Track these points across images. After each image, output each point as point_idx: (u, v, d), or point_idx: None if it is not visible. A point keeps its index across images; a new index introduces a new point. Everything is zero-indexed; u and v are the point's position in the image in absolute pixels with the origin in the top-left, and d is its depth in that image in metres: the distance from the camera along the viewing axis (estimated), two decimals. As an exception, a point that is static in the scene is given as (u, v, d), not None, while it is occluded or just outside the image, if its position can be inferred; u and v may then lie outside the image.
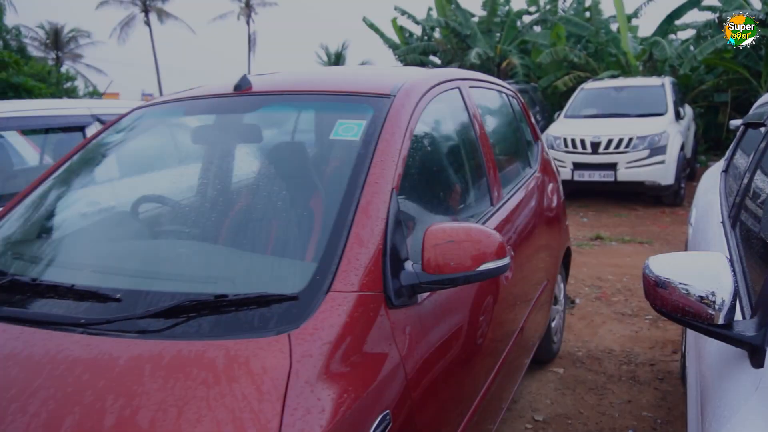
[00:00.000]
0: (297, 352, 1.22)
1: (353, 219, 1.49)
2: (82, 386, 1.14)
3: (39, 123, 3.45)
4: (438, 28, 19.11)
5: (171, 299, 1.36)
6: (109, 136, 2.28)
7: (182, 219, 1.96)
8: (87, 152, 2.23)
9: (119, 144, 2.27)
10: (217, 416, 1.08)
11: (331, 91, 2.01)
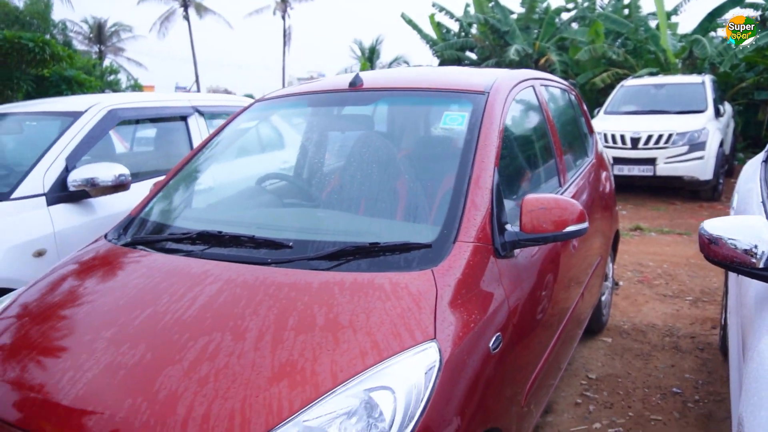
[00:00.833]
0: (439, 282, 1.65)
1: (468, 188, 1.92)
2: (293, 299, 1.59)
3: (152, 113, 3.98)
4: (476, 25, 19.39)
5: (333, 246, 1.81)
6: (240, 123, 2.75)
7: (329, 189, 2.42)
8: (224, 136, 2.70)
9: (250, 129, 2.74)
10: (393, 319, 1.51)
11: (434, 88, 2.44)
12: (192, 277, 1.75)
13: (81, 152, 3.36)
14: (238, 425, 1.28)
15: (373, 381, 1.37)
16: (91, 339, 1.58)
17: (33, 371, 1.54)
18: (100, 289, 1.84)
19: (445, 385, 1.47)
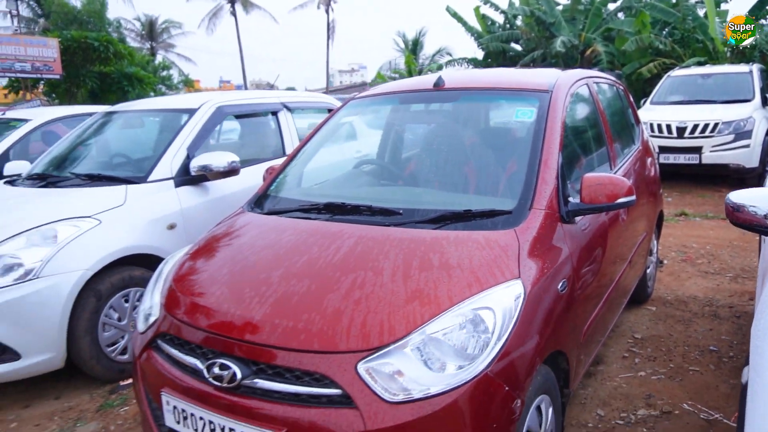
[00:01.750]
0: (520, 238, 2.18)
1: (539, 168, 2.43)
2: (413, 248, 2.14)
3: (250, 109, 4.61)
4: (521, 16, 19.61)
5: (435, 213, 2.36)
6: (340, 118, 3.32)
7: (422, 171, 2.97)
8: (326, 129, 3.28)
9: (349, 122, 3.31)
10: (488, 263, 2.05)
11: (506, 87, 2.96)
12: (332, 234, 2.33)
13: (198, 142, 4.00)
14: (386, 330, 1.84)
15: (478, 303, 1.91)
16: (266, 277, 2.17)
17: (228, 299, 2.14)
18: (260, 243, 2.43)
19: (528, 310, 1.99)
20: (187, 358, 2.10)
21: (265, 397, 1.89)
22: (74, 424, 3.05)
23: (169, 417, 2.11)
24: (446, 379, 1.78)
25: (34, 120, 5.96)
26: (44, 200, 3.62)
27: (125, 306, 3.44)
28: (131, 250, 3.44)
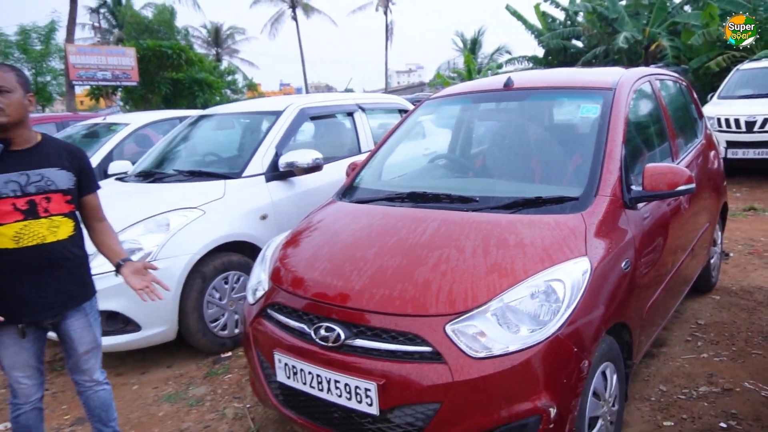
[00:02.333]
0: (587, 221, 2.44)
1: (603, 159, 2.68)
2: (490, 229, 2.44)
3: (329, 110, 5.02)
4: (582, 13, 19.43)
5: (509, 200, 2.65)
6: (416, 117, 3.65)
7: (498, 163, 3.26)
8: (404, 127, 3.61)
9: (424, 121, 3.64)
10: (558, 242, 2.32)
11: (571, 86, 3.22)
12: (417, 218, 2.65)
13: (285, 141, 4.42)
14: (470, 297, 2.15)
15: (550, 275, 2.19)
16: (362, 254, 2.52)
17: (330, 272, 2.50)
18: (354, 226, 2.78)
19: (594, 284, 2.26)
20: (295, 323, 2.46)
21: (364, 354, 2.23)
22: (186, 387, 3.50)
23: (280, 373, 2.48)
24: (522, 339, 2.07)
25: (131, 124, 6.57)
26: (155, 194, 4.11)
27: (225, 287, 3.87)
28: (230, 237, 3.88)
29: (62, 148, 2.37)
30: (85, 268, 2.43)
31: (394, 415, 2.16)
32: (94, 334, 2.45)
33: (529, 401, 2.05)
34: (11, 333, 2.25)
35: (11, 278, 2.19)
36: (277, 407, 2.58)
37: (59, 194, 2.27)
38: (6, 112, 2.14)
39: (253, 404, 3.23)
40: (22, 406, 2.36)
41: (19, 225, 2.17)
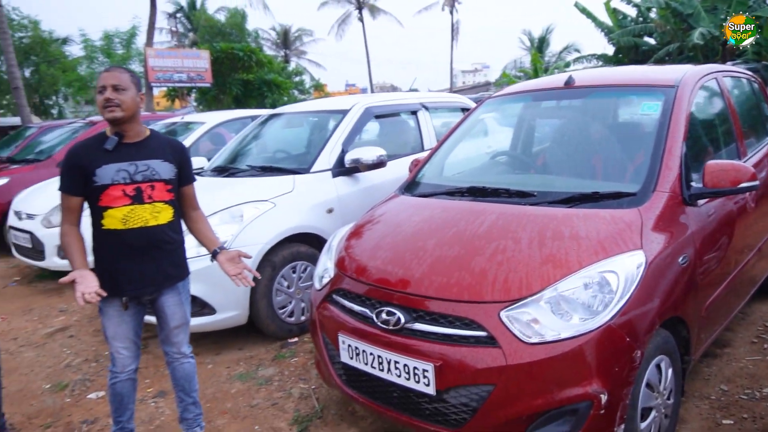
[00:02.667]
0: (644, 216, 2.48)
1: (662, 156, 2.71)
2: (546, 222, 2.53)
3: (393, 109, 5.19)
4: (655, 9, 18.80)
5: (566, 194, 2.72)
6: (478, 115, 3.75)
7: (557, 159, 3.34)
8: (465, 125, 3.72)
9: (484, 119, 3.73)
10: (614, 235, 2.38)
11: (633, 84, 3.24)
12: (476, 211, 2.77)
13: (351, 139, 4.61)
14: (524, 286, 2.25)
15: (604, 266, 2.26)
16: (422, 244, 2.66)
17: (392, 260, 2.65)
18: (415, 218, 2.93)
19: (648, 277, 2.31)
20: (358, 308, 2.63)
21: (422, 337, 2.36)
22: (256, 368, 3.74)
23: (344, 354, 2.65)
24: (574, 327, 2.16)
25: (206, 123, 6.96)
26: (230, 187, 4.39)
27: (293, 276, 4.10)
28: (298, 229, 4.10)
29: (166, 142, 2.65)
30: (181, 251, 2.70)
31: (449, 396, 2.29)
32: (185, 311, 2.71)
33: (580, 387, 2.13)
34: (115, 305, 2.53)
35: (117, 256, 2.47)
36: (340, 387, 2.75)
37: (162, 183, 2.54)
38: (121, 108, 2.43)
39: (317, 386, 3.43)
40: (118, 375, 2.64)
41: (127, 209, 2.45)
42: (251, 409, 3.25)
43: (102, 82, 2.43)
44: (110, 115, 2.43)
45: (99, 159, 2.44)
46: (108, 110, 2.42)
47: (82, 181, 2.44)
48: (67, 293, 5.71)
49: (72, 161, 2.46)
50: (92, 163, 2.43)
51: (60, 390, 3.63)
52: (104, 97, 2.41)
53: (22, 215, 5.94)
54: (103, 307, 2.55)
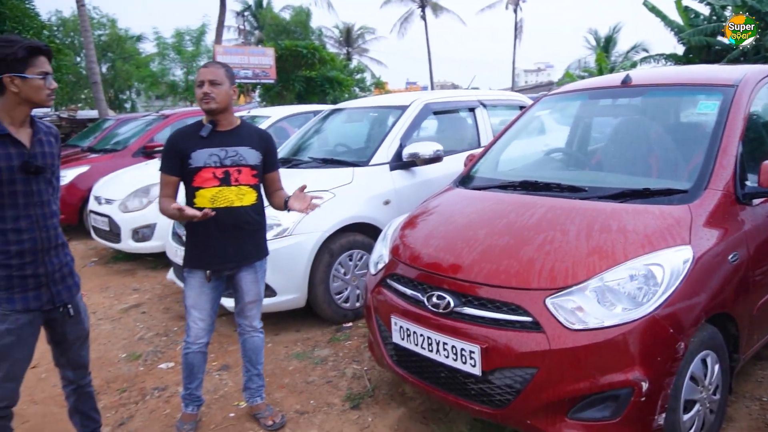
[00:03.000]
0: (693, 212, 2.52)
1: (717, 154, 2.73)
2: (595, 216, 2.60)
3: (452, 106, 5.32)
4: (731, 7, 18.06)
5: (616, 190, 2.78)
6: (534, 113, 3.83)
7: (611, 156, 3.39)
8: (522, 121, 3.81)
9: (541, 116, 3.81)
10: (662, 230, 2.44)
11: (691, 83, 3.25)
12: (526, 204, 2.87)
13: (409, 134, 4.76)
14: (570, 275, 2.34)
15: (650, 260, 2.32)
16: (473, 234, 2.78)
17: (444, 248, 2.79)
18: (468, 209, 3.05)
19: (695, 273, 2.35)
20: (411, 291, 2.78)
21: (470, 321, 2.49)
22: (312, 349, 3.95)
23: (395, 335, 2.81)
24: (618, 316, 2.24)
25: (271, 117, 7.26)
26: (293, 178, 4.60)
27: (349, 263, 4.29)
28: (356, 219, 4.28)
29: (254, 131, 2.90)
30: (262, 233, 2.94)
31: (494, 377, 2.41)
32: (259, 289, 2.96)
33: (621, 373, 2.20)
34: (199, 276, 2.81)
35: (204, 232, 2.74)
36: (392, 366, 2.91)
37: (248, 168, 2.78)
38: (216, 100, 2.70)
39: (370, 368, 3.60)
40: (191, 346, 2.89)
41: (215, 189, 2.72)
42: (307, 385, 3.46)
43: (200, 77, 2.70)
44: (206, 106, 2.70)
45: (195, 144, 2.73)
46: (204, 102, 2.69)
47: (179, 164, 2.73)
48: (139, 273, 6.12)
49: (172, 145, 2.77)
50: (188, 148, 2.72)
51: (134, 359, 3.94)
52: (202, 91, 2.69)
53: (101, 200, 6.39)
54: (188, 277, 2.83)
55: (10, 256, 2.25)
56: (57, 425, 3.14)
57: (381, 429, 2.96)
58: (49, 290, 2.36)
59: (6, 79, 2.20)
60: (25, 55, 2.22)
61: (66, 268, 2.45)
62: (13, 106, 2.25)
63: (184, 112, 9.65)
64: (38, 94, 2.26)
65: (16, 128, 2.26)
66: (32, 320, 2.33)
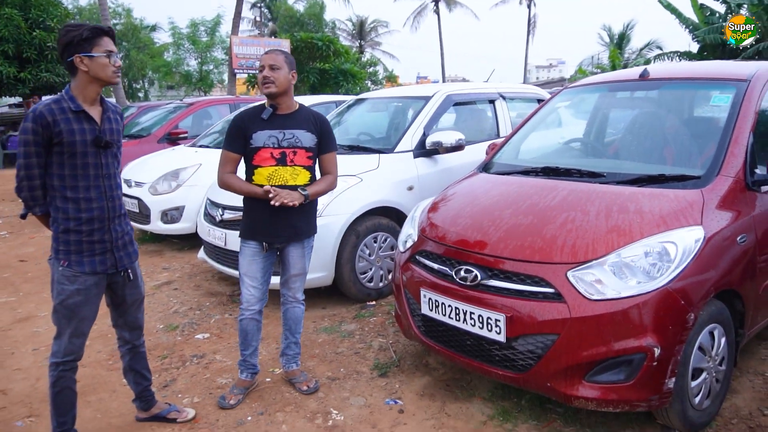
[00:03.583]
0: (706, 196, 2.72)
1: (729, 144, 2.92)
2: (614, 198, 2.80)
3: (473, 97, 5.52)
4: (746, 5, 18.10)
5: (634, 176, 2.98)
6: (554, 104, 4.02)
7: (628, 145, 3.59)
8: (542, 112, 4.01)
9: (562, 108, 4.01)
10: (676, 212, 2.64)
11: (705, 77, 3.44)
12: (549, 187, 3.08)
13: (432, 123, 4.97)
14: (590, 250, 2.55)
15: (664, 237, 2.53)
16: (499, 214, 2.99)
17: (471, 226, 3.00)
18: (493, 192, 3.27)
19: (706, 251, 2.55)
20: (439, 266, 3.00)
21: (496, 292, 2.70)
22: (339, 324, 4.19)
23: (424, 307, 3.02)
24: (634, 288, 2.44)
25: (294, 106, 7.47)
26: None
27: (374, 245, 4.51)
28: (381, 203, 4.50)
29: (311, 115, 3.12)
30: (312, 212, 3.17)
31: (518, 343, 2.62)
32: (304, 263, 3.19)
33: (635, 340, 2.42)
34: (252, 246, 3.06)
35: (260, 207, 2.97)
36: (419, 336, 3.13)
37: (303, 150, 3.01)
38: (276, 84, 2.93)
39: (394, 341, 3.83)
40: (244, 312, 3.13)
41: (272, 168, 2.96)
42: (336, 355, 3.69)
43: (262, 63, 2.94)
44: (266, 90, 2.94)
45: (256, 126, 2.97)
46: (265, 86, 2.93)
47: (242, 143, 2.97)
48: (167, 254, 6.37)
49: (236, 125, 3.01)
50: (250, 129, 2.97)
51: (171, 330, 4.19)
52: (262, 75, 2.92)
53: (132, 183, 6.64)
54: (243, 247, 3.09)
55: (81, 223, 2.49)
56: (105, 385, 3.39)
57: (408, 394, 3.18)
58: (113, 255, 2.59)
59: (76, 59, 2.43)
60: (90, 35, 2.44)
61: (127, 236, 2.69)
62: (85, 85, 2.48)
63: (208, 101, 9.89)
64: (105, 71, 2.48)
65: (88, 106, 2.50)
66: (98, 282, 2.57)
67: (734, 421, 2.82)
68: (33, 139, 2.37)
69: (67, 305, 2.51)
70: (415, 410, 3.03)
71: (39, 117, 2.36)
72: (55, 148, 2.40)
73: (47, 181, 2.46)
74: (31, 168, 2.41)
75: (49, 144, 2.39)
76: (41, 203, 2.50)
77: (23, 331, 4.24)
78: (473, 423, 2.90)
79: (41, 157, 2.41)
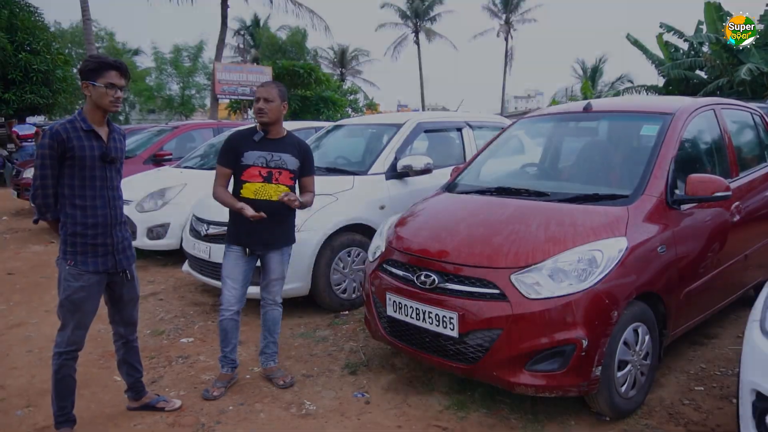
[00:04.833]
0: (630, 212, 3.17)
1: (654, 167, 3.39)
2: (553, 214, 3.24)
3: (441, 126, 5.99)
4: (707, 44, 19.09)
5: (572, 195, 3.43)
6: (511, 132, 4.49)
7: (568, 170, 4.05)
8: (498, 140, 4.47)
9: (515, 137, 4.48)
10: (604, 225, 3.08)
11: (638, 110, 3.94)
12: (499, 204, 3.51)
13: (403, 148, 5.41)
14: (530, 257, 2.98)
15: (593, 246, 2.96)
16: (455, 226, 3.41)
17: (431, 237, 3.41)
18: (451, 208, 3.69)
19: (629, 258, 2.99)
20: (402, 273, 3.39)
21: (450, 294, 3.10)
22: (314, 330, 4.54)
23: (390, 309, 3.41)
24: (566, 289, 2.86)
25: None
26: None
27: (348, 259, 4.89)
28: (355, 220, 4.90)
29: (296, 141, 3.56)
30: (291, 224, 3.57)
31: (468, 338, 3.02)
32: (283, 269, 3.57)
33: (567, 332, 2.83)
34: (236, 250, 3.44)
35: (244, 217, 3.32)
36: (385, 336, 3.51)
37: (287, 171, 3.43)
38: (268, 116, 3.36)
39: (364, 344, 4.19)
40: (224, 312, 3.48)
41: (259, 185, 3.36)
42: (311, 356, 4.04)
43: (257, 95, 3.38)
44: (260, 119, 3.39)
45: (248, 146, 3.38)
46: (258, 116, 3.37)
47: (234, 159, 3.38)
48: (152, 269, 6.67)
49: (230, 144, 3.44)
50: (242, 147, 3.38)
51: (158, 335, 4.50)
52: (257, 107, 3.35)
53: (118, 201, 6.95)
54: (227, 251, 3.46)
55: (87, 227, 2.85)
56: (98, 381, 3.70)
57: (375, 389, 3.54)
58: (113, 257, 2.95)
59: (83, 85, 2.82)
60: (96, 67, 2.83)
61: (126, 241, 3.05)
62: (92, 108, 2.86)
63: (192, 125, 10.27)
64: (102, 100, 2.85)
65: (97, 126, 2.88)
66: (99, 280, 2.92)
67: (657, 408, 3.23)
68: (49, 153, 2.74)
69: (72, 300, 2.85)
70: (380, 401, 3.39)
71: (55, 134, 2.74)
72: (67, 161, 2.77)
73: (59, 190, 2.82)
74: (46, 178, 2.78)
75: (63, 157, 2.76)
76: (53, 210, 2.86)
77: (17, 336, 4.52)
78: (431, 412, 3.26)
79: (55, 169, 2.78)
